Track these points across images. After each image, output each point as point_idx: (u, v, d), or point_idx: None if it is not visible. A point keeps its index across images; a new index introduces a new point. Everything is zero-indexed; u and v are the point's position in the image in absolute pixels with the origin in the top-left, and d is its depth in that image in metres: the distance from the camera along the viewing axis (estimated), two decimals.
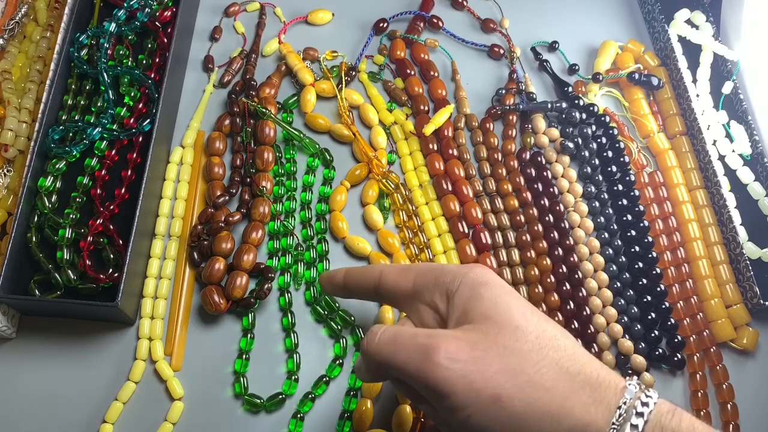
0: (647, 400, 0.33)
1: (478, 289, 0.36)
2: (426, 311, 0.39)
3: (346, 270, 0.44)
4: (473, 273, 0.37)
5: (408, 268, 0.40)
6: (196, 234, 0.52)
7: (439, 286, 0.38)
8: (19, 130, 0.53)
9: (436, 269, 0.39)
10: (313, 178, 0.55)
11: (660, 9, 0.63)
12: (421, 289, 0.39)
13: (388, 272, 0.41)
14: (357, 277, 0.43)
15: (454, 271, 0.38)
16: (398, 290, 0.40)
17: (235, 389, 0.48)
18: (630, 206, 0.55)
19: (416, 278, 0.39)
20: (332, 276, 0.44)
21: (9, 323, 0.47)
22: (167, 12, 0.58)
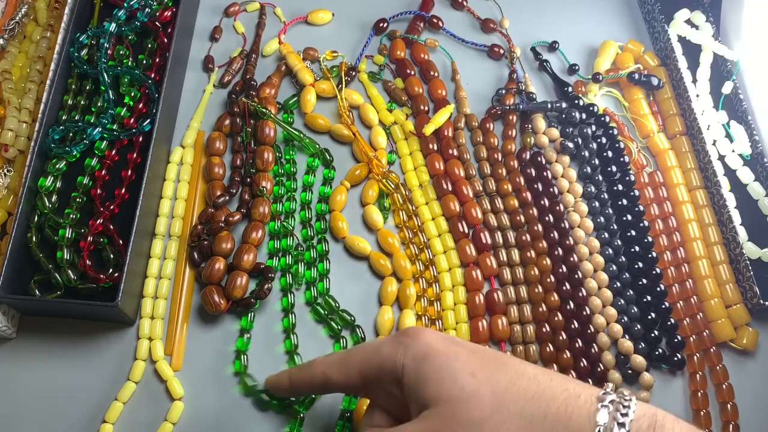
0: (623, 420, 0.32)
1: (421, 369, 0.35)
2: (384, 399, 0.38)
3: (290, 372, 0.43)
4: (411, 349, 0.36)
5: (347, 361, 0.39)
6: (196, 234, 0.52)
7: (385, 373, 0.37)
8: (19, 130, 0.53)
9: (374, 358, 0.38)
10: (313, 178, 0.55)
11: (660, 9, 0.63)
12: (371, 380, 0.38)
13: (329, 371, 0.39)
14: (301, 380, 0.42)
15: (392, 355, 0.37)
16: (348, 385, 0.39)
17: (241, 388, 0.47)
18: (630, 206, 0.56)
19: (362, 371, 0.38)
20: (276, 380, 0.44)
21: (9, 323, 0.47)
22: (167, 12, 0.58)
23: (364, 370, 0.38)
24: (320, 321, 0.51)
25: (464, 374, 0.35)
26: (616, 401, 0.33)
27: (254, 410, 0.47)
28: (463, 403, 0.34)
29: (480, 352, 0.36)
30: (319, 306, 0.51)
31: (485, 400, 0.34)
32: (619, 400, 0.33)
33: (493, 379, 0.34)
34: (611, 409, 0.32)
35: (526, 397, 0.33)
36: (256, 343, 0.49)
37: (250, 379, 0.47)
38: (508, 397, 0.34)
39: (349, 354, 0.39)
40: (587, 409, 0.33)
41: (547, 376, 0.35)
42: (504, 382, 0.34)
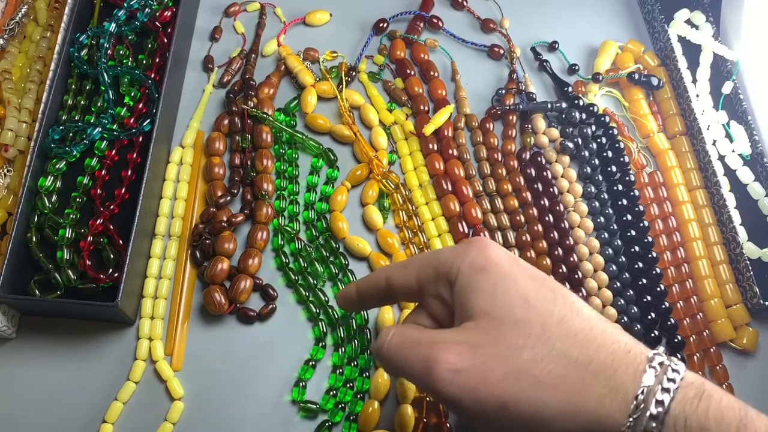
0: (669, 386, 0.30)
1: (475, 280, 0.34)
2: (434, 303, 0.37)
3: (357, 283, 0.42)
4: (469, 257, 0.35)
5: (409, 264, 0.38)
6: (197, 233, 0.52)
7: (440, 277, 0.36)
8: (19, 130, 0.53)
9: (433, 260, 0.37)
10: (317, 178, 0.55)
11: (660, 9, 0.63)
12: (425, 283, 0.37)
13: (392, 274, 0.39)
14: (367, 287, 0.41)
15: (451, 259, 0.36)
16: (406, 289, 0.39)
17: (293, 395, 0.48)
18: (630, 206, 0.56)
19: (418, 273, 0.37)
20: (345, 293, 0.43)
21: (9, 323, 0.47)
22: (167, 12, 0.58)
23: (421, 272, 0.37)
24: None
25: (518, 297, 0.33)
26: (665, 364, 0.31)
27: (254, 410, 0.47)
28: (510, 326, 0.32)
29: (541, 279, 0.34)
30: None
31: (532, 330, 0.32)
32: (669, 363, 0.31)
33: (547, 311, 0.33)
34: (659, 371, 0.31)
35: (575, 338, 0.32)
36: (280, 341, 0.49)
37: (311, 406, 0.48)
38: (557, 332, 0.32)
39: (411, 258, 0.39)
40: (635, 367, 0.31)
41: (602, 322, 0.33)
42: (557, 316, 0.33)
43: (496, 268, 0.34)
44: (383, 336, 0.36)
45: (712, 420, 0.29)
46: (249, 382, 0.48)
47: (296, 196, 0.54)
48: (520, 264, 0.35)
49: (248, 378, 0.48)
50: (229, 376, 0.48)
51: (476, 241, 0.36)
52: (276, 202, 0.54)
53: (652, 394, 0.30)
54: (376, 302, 0.42)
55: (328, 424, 0.47)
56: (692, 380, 0.31)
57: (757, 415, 0.30)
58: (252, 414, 0.47)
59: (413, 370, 0.34)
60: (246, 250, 0.51)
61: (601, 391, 0.30)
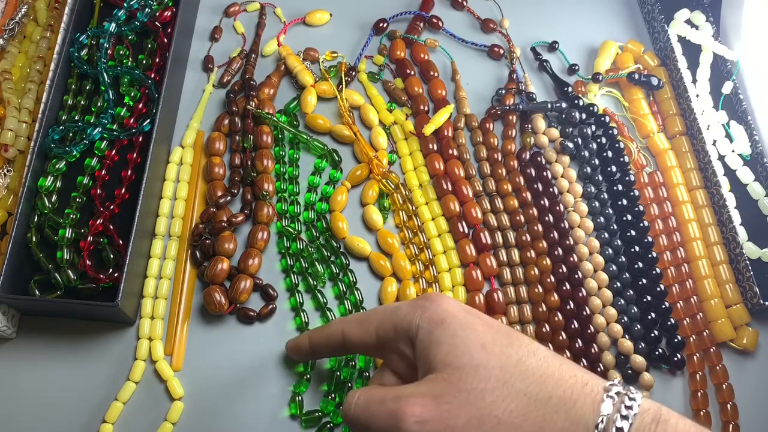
0: (627, 413, 0.31)
1: (435, 333, 0.36)
2: (396, 359, 0.39)
3: (310, 334, 0.44)
4: (428, 312, 0.36)
5: (367, 320, 0.40)
6: (198, 233, 0.52)
7: (400, 334, 0.37)
8: (19, 130, 0.53)
9: (392, 317, 0.38)
10: (318, 179, 0.55)
11: (660, 9, 0.63)
12: (385, 340, 0.39)
13: (349, 330, 0.40)
14: (322, 340, 0.43)
15: (410, 316, 0.37)
16: (364, 345, 0.40)
17: (291, 410, 0.47)
18: (630, 206, 0.56)
19: (377, 330, 0.39)
20: (297, 343, 0.45)
21: (9, 323, 0.47)
22: (167, 12, 0.58)
23: (380, 329, 0.39)
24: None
25: (476, 344, 0.35)
26: (622, 393, 0.32)
27: (254, 410, 0.47)
28: (471, 372, 0.34)
29: (495, 326, 0.36)
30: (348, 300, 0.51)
31: (492, 373, 0.33)
32: (625, 392, 0.32)
33: (504, 354, 0.34)
34: (616, 400, 0.32)
35: (533, 376, 0.33)
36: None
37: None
38: (515, 373, 0.33)
39: (368, 313, 0.40)
40: (592, 398, 0.32)
41: (557, 360, 0.34)
42: (514, 358, 0.34)
43: (453, 320, 0.36)
44: (349, 398, 0.37)
45: None
46: (249, 382, 0.48)
47: (296, 196, 0.54)
48: (474, 313, 0.37)
49: (248, 378, 0.48)
50: (229, 376, 0.48)
51: (431, 295, 0.38)
52: (278, 205, 0.54)
53: (611, 423, 0.31)
54: (329, 354, 0.44)
55: (329, 425, 0.47)
56: (648, 407, 0.32)
57: None
58: (252, 414, 0.47)
59: (381, 426, 0.35)
60: (246, 250, 0.51)
61: (562, 424, 0.32)
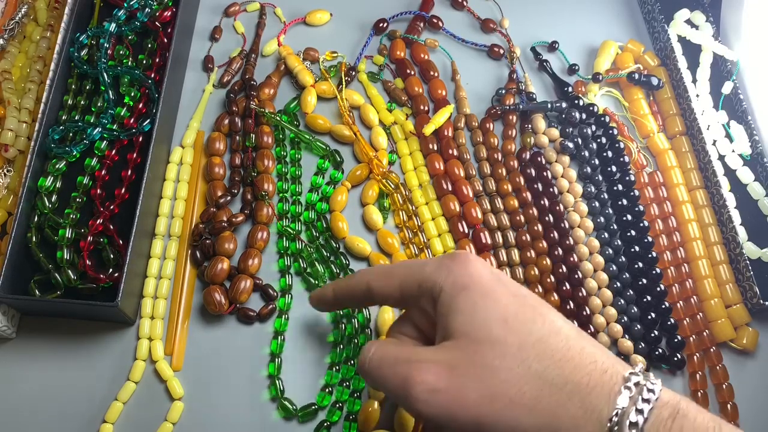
0: (643, 406, 0.30)
1: (457, 299, 0.35)
2: (417, 314, 0.38)
3: (334, 285, 0.43)
4: (453, 275, 0.35)
5: (392, 274, 0.39)
6: (198, 233, 0.52)
7: (424, 292, 0.37)
8: (19, 130, 0.53)
9: (417, 274, 0.37)
10: (321, 179, 0.55)
11: (660, 9, 0.63)
12: (408, 296, 0.38)
13: (374, 282, 0.39)
14: (346, 290, 0.42)
15: (435, 275, 0.36)
16: (388, 298, 0.39)
17: (270, 392, 0.48)
18: (630, 206, 0.56)
19: (402, 285, 0.38)
20: (321, 293, 0.44)
21: (9, 323, 0.47)
22: (167, 12, 0.58)
23: (404, 285, 0.38)
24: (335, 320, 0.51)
25: (497, 317, 0.33)
26: (641, 384, 0.31)
27: (254, 410, 0.47)
28: (487, 346, 0.33)
29: (521, 297, 0.35)
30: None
31: (509, 351, 0.32)
32: (645, 383, 0.31)
33: (525, 330, 0.33)
34: (633, 392, 0.31)
35: (552, 359, 0.32)
36: (291, 348, 0.50)
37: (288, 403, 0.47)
38: (534, 353, 0.32)
39: (393, 267, 0.39)
40: (610, 388, 0.31)
41: (579, 342, 0.33)
42: (535, 336, 0.33)
43: (477, 287, 0.35)
44: (365, 352, 0.36)
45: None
46: (249, 382, 0.48)
47: (299, 196, 0.54)
48: (502, 281, 0.36)
49: (248, 378, 0.48)
50: (230, 376, 0.48)
51: (460, 256, 0.37)
52: (279, 205, 0.54)
53: (626, 416, 0.30)
54: (353, 305, 0.43)
55: (326, 423, 0.47)
56: (668, 400, 0.31)
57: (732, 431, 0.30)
58: (252, 414, 0.47)
59: (392, 387, 0.34)
60: (246, 250, 0.51)
61: (576, 412, 0.31)
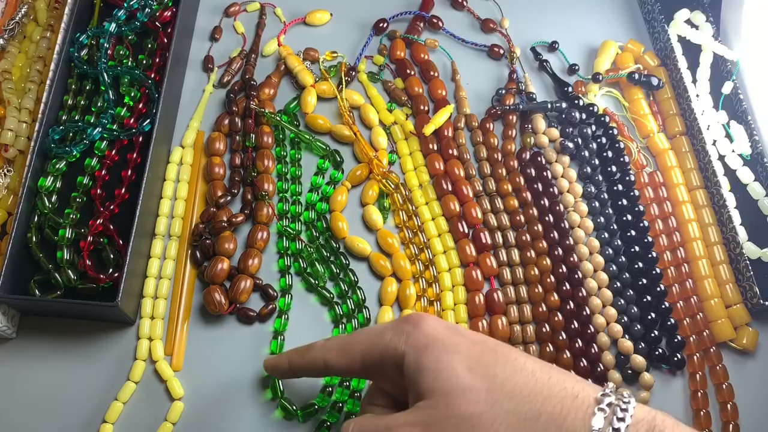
0: (619, 426, 0.31)
1: (421, 360, 0.35)
2: (385, 382, 0.39)
3: (290, 356, 0.42)
4: (412, 338, 0.36)
5: (350, 346, 0.39)
6: (198, 233, 0.52)
7: (387, 361, 0.37)
8: (19, 130, 0.53)
9: (377, 344, 0.37)
10: (321, 179, 0.55)
11: (660, 9, 0.63)
12: (371, 367, 0.38)
13: (331, 359, 0.39)
14: (302, 365, 0.42)
15: (394, 342, 0.36)
16: (350, 372, 0.39)
17: (270, 392, 0.47)
18: (630, 206, 0.55)
19: (362, 357, 0.38)
20: (276, 363, 0.44)
21: (9, 323, 0.47)
22: (167, 12, 0.58)
23: (365, 357, 0.38)
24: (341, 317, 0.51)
25: (462, 368, 0.34)
26: (614, 404, 0.32)
27: (254, 410, 0.47)
28: (459, 397, 0.33)
29: (481, 343, 0.36)
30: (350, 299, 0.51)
31: (480, 396, 0.33)
32: (617, 402, 0.32)
33: (491, 374, 0.34)
34: (608, 412, 0.31)
35: (522, 394, 0.33)
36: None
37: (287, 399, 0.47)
38: (503, 393, 0.33)
39: (350, 340, 0.39)
40: (583, 411, 0.32)
41: (546, 373, 0.34)
42: (501, 377, 0.34)
43: (437, 344, 0.35)
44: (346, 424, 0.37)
45: None
46: (249, 382, 0.48)
47: (299, 196, 0.54)
48: (458, 332, 0.36)
49: (248, 378, 0.48)
50: (229, 376, 0.48)
51: (413, 318, 0.37)
52: (279, 205, 0.54)
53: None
54: (308, 375, 0.43)
55: (327, 424, 0.47)
56: (643, 416, 0.32)
57: None
58: (252, 414, 0.47)
59: None
60: (246, 250, 0.51)
61: None
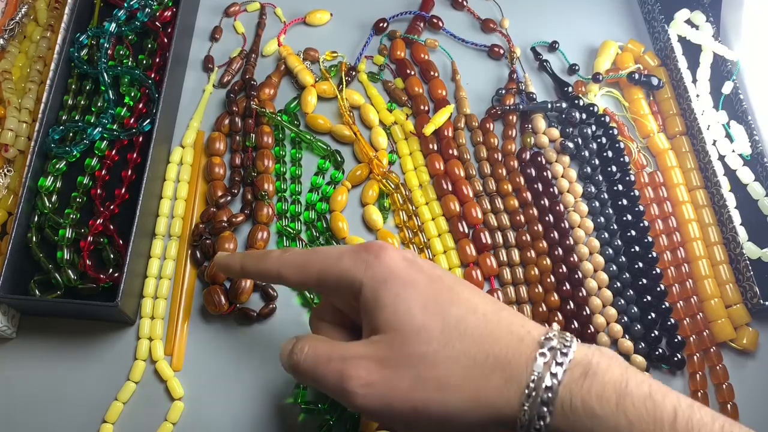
0: (556, 370, 0.32)
1: (378, 294, 0.35)
2: (340, 300, 0.39)
3: (243, 259, 0.42)
4: (371, 269, 0.36)
5: (308, 265, 0.38)
6: (198, 233, 0.52)
7: (343, 286, 0.37)
8: (19, 130, 0.53)
9: (335, 268, 0.37)
10: (321, 179, 0.55)
11: (660, 9, 0.63)
12: (326, 287, 0.38)
13: (287, 272, 0.39)
14: (255, 271, 0.41)
15: (353, 271, 0.36)
16: (302, 286, 0.40)
17: (294, 398, 0.48)
18: (630, 206, 0.55)
19: (319, 278, 0.38)
20: (227, 262, 0.43)
21: (9, 323, 0.47)
22: (167, 12, 0.58)
23: (321, 278, 0.38)
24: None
25: (418, 306, 0.35)
26: (555, 347, 0.33)
27: (254, 410, 0.47)
28: (412, 335, 0.34)
29: (438, 280, 0.36)
30: None
31: (433, 336, 0.34)
32: (559, 346, 0.33)
33: (445, 314, 0.35)
34: (548, 357, 0.32)
35: (473, 336, 0.34)
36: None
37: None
38: (456, 334, 0.34)
39: (308, 258, 0.39)
40: (527, 355, 0.33)
41: (496, 315, 0.35)
42: (455, 317, 0.34)
43: (396, 279, 0.36)
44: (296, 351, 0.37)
45: (594, 397, 0.31)
46: (249, 383, 0.48)
47: (299, 196, 0.54)
48: (417, 265, 0.37)
49: (248, 378, 0.48)
50: (229, 376, 0.48)
51: (374, 247, 0.37)
52: (278, 204, 0.54)
53: (541, 381, 0.32)
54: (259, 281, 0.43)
55: (328, 422, 0.47)
56: (580, 359, 0.32)
57: (638, 385, 0.31)
58: (252, 414, 0.47)
59: (328, 385, 0.36)
60: (246, 250, 0.51)
61: (498, 383, 0.33)
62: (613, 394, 0.31)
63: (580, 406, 0.31)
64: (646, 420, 0.30)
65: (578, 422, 0.31)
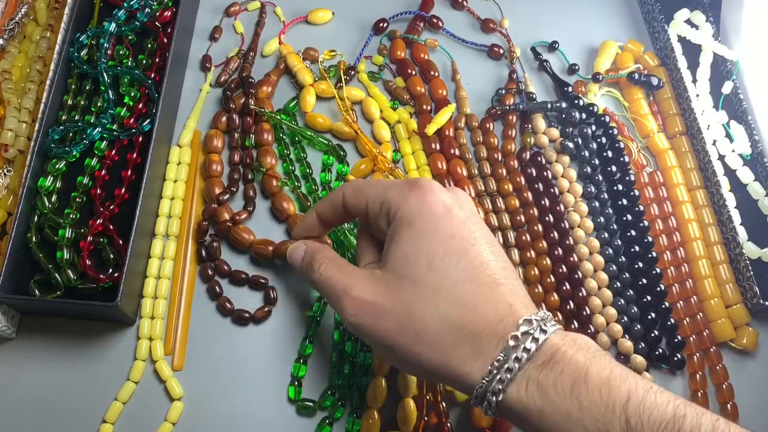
0: (522, 355, 0.34)
1: (398, 232, 0.38)
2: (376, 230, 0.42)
3: (315, 208, 0.46)
4: (405, 206, 0.39)
5: (362, 190, 0.42)
6: (202, 230, 0.52)
7: (383, 212, 0.40)
8: (19, 130, 0.53)
9: (381, 196, 0.40)
10: (330, 175, 0.55)
11: (660, 9, 0.63)
12: (372, 213, 0.41)
13: (347, 195, 0.43)
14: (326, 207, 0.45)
15: (394, 200, 0.39)
16: (357, 212, 0.42)
17: (289, 394, 0.48)
18: (630, 206, 0.56)
19: (368, 201, 0.41)
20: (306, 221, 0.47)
21: (9, 323, 0.47)
22: (167, 12, 0.57)
23: (369, 202, 0.41)
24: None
25: (424, 259, 0.37)
26: (529, 333, 0.34)
27: (254, 410, 0.47)
28: (408, 285, 0.37)
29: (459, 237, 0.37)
30: None
31: (425, 291, 0.36)
32: (535, 332, 0.34)
33: (445, 273, 0.36)
34: (519, 341, 0.34)
35: (459, 303, 0.36)
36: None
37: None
38: (446, 297, 0.36)
39: (365, 184, 0.43)
40: (500, 337, 0.35)
41: (491, 289, 0.36)
42: (452, 279, 0.36)
43: (420, 225, 0.38)
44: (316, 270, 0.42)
45: (551, 383, 0.33)
46: (249, 382, 0.48)
47: (316, 194, 0.54)
48: (450, 216, 0.38)
49: (248, 378, 0.48)
50: (229, 375, 0.48)
51: (419, 185, 0.39)
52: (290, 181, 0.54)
53: (505, 362, 0.34)
54: (336, 222, 0.46)
55: (328, 420, 0.47)
56: (548, 348, 0.34)
57: (597, 372, 0.33)
58: (252, 414, 0.47)
59: (330, 298, 0.41)
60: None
61: (466, 354, 0.35)
62: (569, 381, 0.33)
63: (535, 390, 0.33)
64: (598, 404, 0.32)
65: (531, 404, 0.33)
